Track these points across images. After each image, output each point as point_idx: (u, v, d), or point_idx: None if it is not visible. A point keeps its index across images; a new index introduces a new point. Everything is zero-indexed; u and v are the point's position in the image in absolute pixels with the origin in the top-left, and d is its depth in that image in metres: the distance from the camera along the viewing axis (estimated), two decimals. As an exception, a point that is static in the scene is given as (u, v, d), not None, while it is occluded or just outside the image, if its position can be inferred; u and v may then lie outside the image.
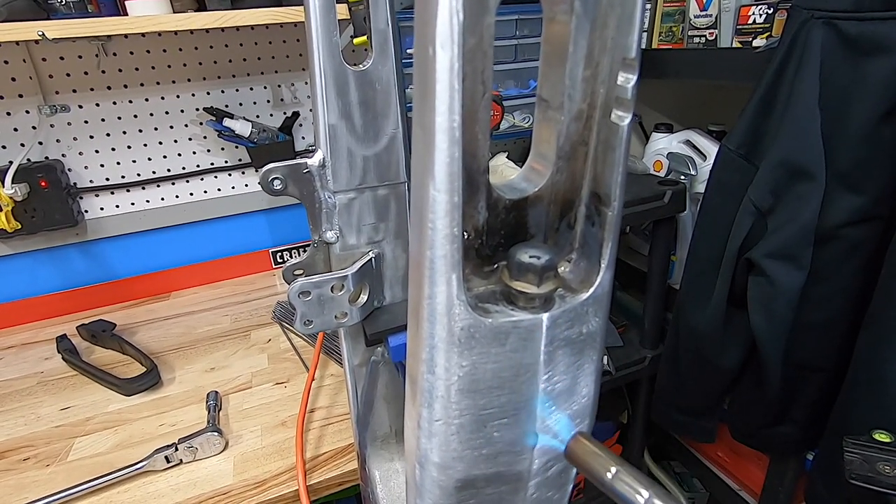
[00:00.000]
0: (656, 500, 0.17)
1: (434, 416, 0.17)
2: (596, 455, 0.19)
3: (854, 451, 0.42)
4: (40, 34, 0.74)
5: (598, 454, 0.19)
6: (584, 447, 0.20)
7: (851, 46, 0.63)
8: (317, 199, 0.41)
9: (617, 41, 0.14)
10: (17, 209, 0.96)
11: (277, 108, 1.15)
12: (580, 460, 0.20)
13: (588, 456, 0.19)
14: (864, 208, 0.67)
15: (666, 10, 1.00)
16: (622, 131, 0.15)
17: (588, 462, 0.19)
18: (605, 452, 0.19)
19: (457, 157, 0.13)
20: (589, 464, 0.19)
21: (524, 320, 0.16)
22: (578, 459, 0.20)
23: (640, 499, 0.17)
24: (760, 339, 0.77)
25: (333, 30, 0.36)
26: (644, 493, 0.17)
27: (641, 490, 0.17)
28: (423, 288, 0.15)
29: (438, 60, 0.12)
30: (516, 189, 0.17)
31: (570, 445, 0.20)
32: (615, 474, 0.18)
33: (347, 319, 0.44)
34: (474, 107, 0.14)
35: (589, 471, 0.19)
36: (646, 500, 0.17)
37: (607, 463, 0.18)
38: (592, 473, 0.19)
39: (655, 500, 0.17)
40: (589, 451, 0.19)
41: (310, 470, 0.64)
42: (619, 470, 0.18)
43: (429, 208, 0.14)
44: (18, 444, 0.72)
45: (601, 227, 0.17)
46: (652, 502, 0.17)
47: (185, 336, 0.98)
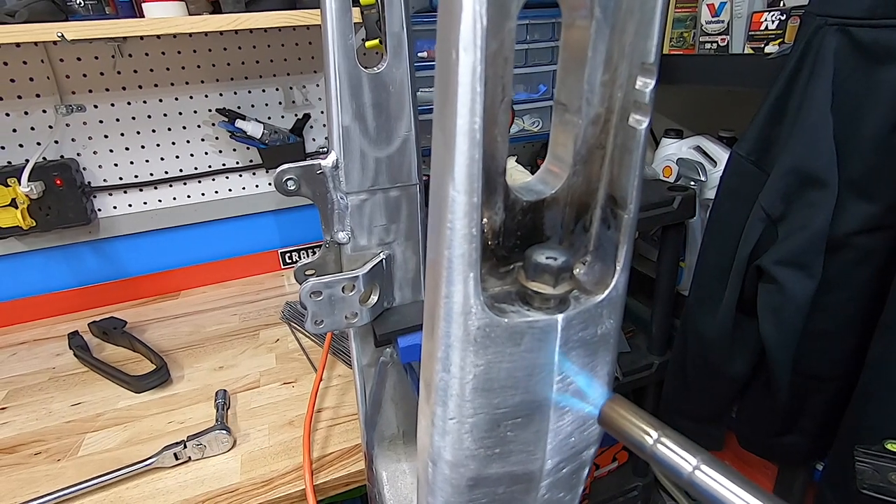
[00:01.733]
0: (704, 465, 0.15)
1: (448, 414, 0.17)
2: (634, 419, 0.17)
3: (865, 461, 0.41)
4: (59, 35, 0.76)
5: (637, 418, 0.17)
6: (620, 411, 0.18)
7: (865, 53, 0.63)
8: (329, 200, 0.41)
9: (635, 46, 0.15)
10: (32, 207, 0.98)
11: (289, 110, 1.16)
12: (616, 425, 0.18)
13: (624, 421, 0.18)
14: (876, 216, 0.66)
15: (677, 16, 1.00)
16: (639, 135, 0.15)
17: (624, 427, 0.17)
18: (645, 416, 0.17)
19: (477, 158, 0.14)
20: (626, 429, 0.17)
21: (539, 321, 0.16)
22: (614, 424, 0.18)
23: (687, 466, 0.16)
24: (769, 347, 0.76)
25: (349, 32, 0.37)
26: (691, 460, 0.16)
27: (688, 456, 0.16)
28: (441, 287, 0.16)
29: (461, 64, 0.13)
30: (533, 191, 0.17)
31: (605, 410, 0.18)
32: (657, 439, 0.16)
33: (357, 320, 0.44)
34: (494, 110, 0.14)
35: (626, 437, 0.17)
36: (694, 465, 0.16)
37: (648, 427, 0.17)
38: (631, 440, 0.17)
39: (703, 466, 0.15)
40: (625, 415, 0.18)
41: (317, 469, 0.64)
42: (662, 434, 0.16)
43: (448, 208, 0.14)
44: (30, 438, 0.73)
45: (617, 229, 0.17)
46: (700, 469, 0.15)
47: (194, 335, 0.98)
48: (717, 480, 0.15)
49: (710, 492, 0.15)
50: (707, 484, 0.15)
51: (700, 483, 0.15)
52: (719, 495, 0.15)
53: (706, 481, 0.15)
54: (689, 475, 0.16)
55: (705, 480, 0.15)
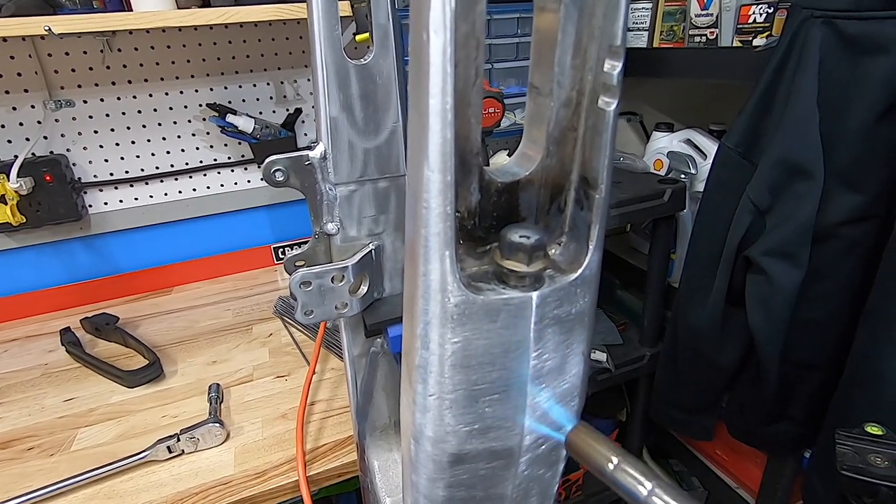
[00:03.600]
0: (659, 490, 0.17)
1: (428, 391, 0.18)
2: (596, 446, 0.19)
3: (846, 444, 0.42)
4: (47, 29, 0.75)
5: (599, 445, 0.19)
6: (584, 438, 0.19)
7: (850, 45, 0.64)
8: (318, 191, 0.41)
9: (603, 29, 0.15)
10: (21, 203, 0.97)
11: (280, 105, 1.16)
12: (580, 451, 0.19)
13: (588, 447, 0.19)
14: (861, 207, 0.67)
15: (667, 10, 1.01)
16: (608, 117, 0.16)
17: (588, 453, 0.19)
18: (606, 443, 0.19)
19: (449, 138, 0.14)
20: (589, 455, 0.19)
21: (515, 298, 0.17)
22: (579, 451, 0.19)
23: (643, 490, 0.17)
24: (758, 337, 0.77)
25: (335, 24, 0.37)
26: (647, 485, 0.17)
27: (644, 481, 0.17)
28: (418, 266, 0.16)
29: (432, 45, 0.13)
30: (508, 173, 0.18)
31: (570, 437, 0.20)
32: (616, 465, 0.18)
33: (347, 310, 0.44)
34: (467, 91, 0.15)
35: (589, 462, 0.19)
36: (649, 491, 0.17)
37: (608, 454, 0.18)
38: (593, 465, 0.18)
39: (658, 490, 0.17)
40: (589, 442, 0.19)
41: (310, 461, 0.65)
42: (621, 461, 0.18)
43: (423, 188, 0.15)
44: (23, 433, 0.73)
45: (590, 209, 0.18)
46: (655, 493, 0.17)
47: (187, 330, 0.99)
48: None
49: None
50: None
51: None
52: None
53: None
54: (644, 499, 0.17)
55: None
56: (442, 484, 0.20)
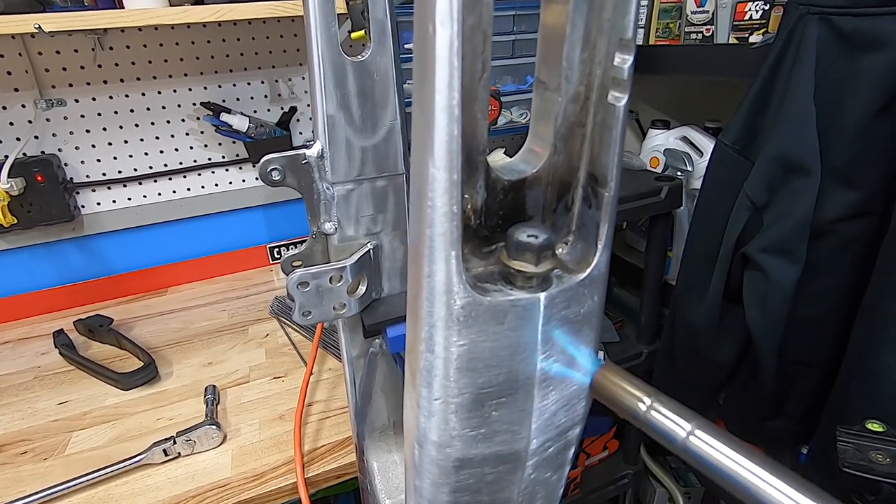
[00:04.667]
0: (699, 431, 0.16)
1: (433, 394, 0.17)
2: (626, 387, 0.17)
3: (847, 441, 0.42)
4: (37, 27, 0.74)
5: (629, 386, 0.17)
6: (612, 379, 0.18)
7: (846, 42, 0.63)
8: (315, 191, 0.41)
9: (613, 22, 0.15)
10: (13, 204, 0.96)
11: (275, 104, 1.15)
12: (608, 393, 0.18)
13: (616, 388, 0.18)
14: (858, 203, 0.67)
15: (663, 7, 1.01)
16: (619, 112, 0.15)
17: (617, 396, 0.17)
18: (637, 383, 0.17)
19: (456, 134, 0.14)
20: (618, 398, 0.17)
21: (522, 299, 0.16)
22: (606, 393, 0.18)
23: (682, 431, 0.16)
24: (755, 333, 0.77)
25: (332, 20, 0.36)
26: (685, 425, 0.16)
27: (682, 422, 0.16)
28: (423, 266, 0.16)
29: (438, 38, 0.13)
30: (514, 170, 0.17)
31: (597, 379, 0.18)
32: (650, 405, 0.16)
33: (346, 311, 0.44)
34: (473, 86, 0.14)
35: (619, 405, 0.17)
36: (688, 431, 0.16)
37: (640, 394, 0.17)
38: (623, 408, 0.17)
39: (698, 431, 0.16)
40: (617, 382, 0.18)
41: (308, 463, 0.64)
42: (654, 401, 0.16)
43: (428, 186, 0.14)
44: (16, 437, 0.72)
45: (598, 208, 0.17)
46: (694, 434, 0.16)
47: (182, 331, 0.98)
48: (712, 445, 0.15)
49: (705, 457, 0.15)
50: (701, 449, 0.15)
51: (694, 449, 0.16)
52: (713, 460, 0.15)
53: (700, 447, 0.15)
54: (682, 441, 0.16)
55: (699, 446, 0.16)
56: (446, 489, 0.20)
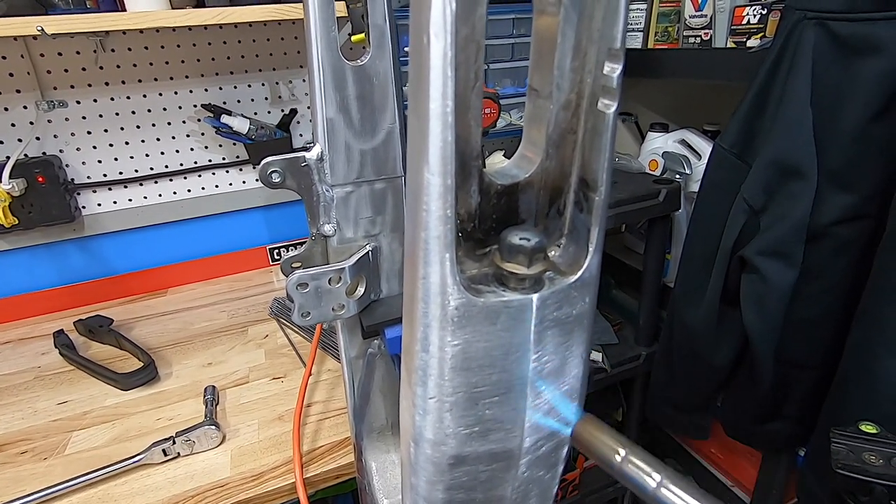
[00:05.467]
0: (667, 482, 0.16)
1: (428, 393, 0.18)
2: (603, 438, 0.18)
3: (841, 442, 0.42)
4: (39, 29, 0.75)
5: (606, 437, 0.18)
6: (591, 431, 0.19)
7: (843, 46, 0.64)
8: (314, 193, 0.41)
9: (603, 32, 0.15)
10: (14, 204, 0.96)
11: (275, 106, 1.15)
12: (587, 444, 0.19)
13: (595, 440, 0.19)
14: (854, 207, 0.68)
15: (662, 11, 1.01)
16: (608, 119, 0.16)
17: (595, 446, 0.19)
18: (613, 435, 0.18)
19: (450, 141, 0.14)
20: (596, 448, 0.18)
21: (514, 300, 0.17)
22: (585, 444, 0.19)
23: (652, 482, 0.17)
24: (753, 336, 0.78)
25: (332, 24, 0.37)
26: (655, 476, 0.17)
27: (653, 473, 0.17)
28: (418, 269, 0.16)
29: (432, 49, 0.13)
30: (508, 175, 0.18)
31: (577, 429, 0.20)
32: (624, 457, 0.17)
33: (344, 312, 0.44)
34: (467, 95, 0.15)
35: (597, 455, 0.18)
36: (658, 482, 0.16)
37: (616, 446, 0.18)
38: (600, 458, 0.18)
39: (667, 482, 0.16)
40: (596, 434, 0.19)
41: (306, 463, 0.64)
42: (629, 452, 0.17)
43: (423, 191, 0.15)
44: (16, 437, 0.73)
45: (589, 212, 0.18)
46: (664, 485, 0.16)
47: (182, 332, 0.98)
48: (679, 496, 0.16)
49: None
50: (670, 499, 0.16)
51: (663, 498, 0.17)
52: None
53: (669, 497, 0.16)
54: (653, 491, 0.17)
55: (668, 496, 0.16)
56: (441, 486, 0.20)
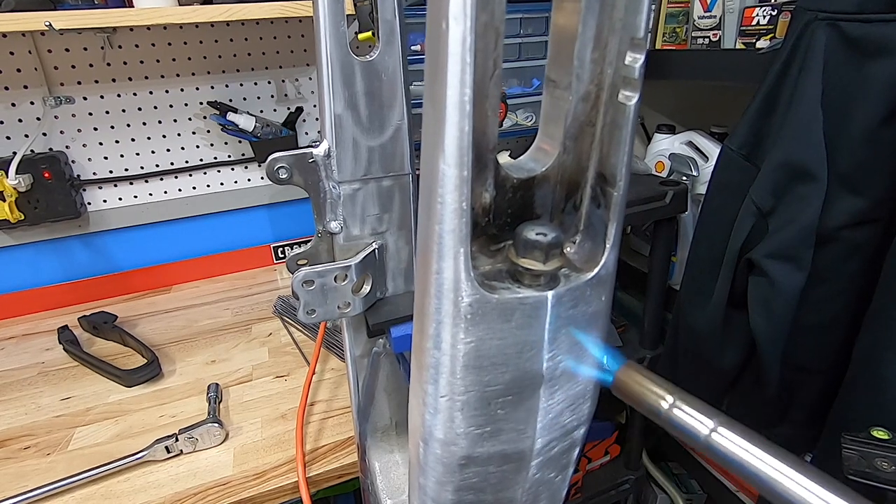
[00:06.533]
0: (722, 428, 0.15)
1: (439, 392, 0.17)
2: (648, 385, 0.17)
3: (852, 448, 0.42)
4: (47, 25, 0.75)
5: (651, 384, 0.17)
6: (634, 377, 0.18)
7: (854, 48, 0.63)
8: (321, 189, 0.41)
9: (625, 21, 0.15)
10: (20, 200, 0.97)
11: (281, 104, 1.15)
12: (630, 392, 0.18)
13: (638, 387, 0.18)
14: (864, 210, 0.67)
15: (670, 11, 1.01)
16: (629, 111, 0.15)
17: (639, 394, 0.17)
18: (658, 381, 0.17)
19: (467, 131, 0.14)
20: (640, 395, 0.17)
21: (529, 297, 0.16)
22: (628, 391, 0.18)
23: (704, 429, 0.16)
24: (760, 339, 0.77)
25: (341, 20, 0.36)
26: (707, 423, 0.16)
27: (704, 419, 0.16)
28: (431, 263, 0.16)
29: (451, 34, 0.13)
30: (524, 169, 0.17)
31: (618, 376, 0.18)
32: (672, 403, 0.17)
33: (350, 309, 0.44)
34: (485, 83, 0.14)
35: (641, 403, 0.17)
36: (711, 429, 0.16)
37: (662, 392, 0.17)
38: (645, 406, 0.17)
39: (721, 428, 0.15)
40: (639, 380, 0.18)
41: (309, 462, 0.64)
42: (677, 399, 0.17)
43: (438, 182, 0.14)
44: (19, 433, 0.73)
45: (606, 207, 0.17)
46: (717, 431, 0.15)
47: (186, 329, 0.98)
48: (735, 442, 0.15)
49: (728, 454, 0.15)
50: (724, 446, 0.15)
51: (717, 446, 0.16)
52: (737, 457, 0.15)
53: (723, 444, 0.15)
54: (705, 438, 0.16)
55: (722, 443, 0.15)
56: (451, 487, 0.20)
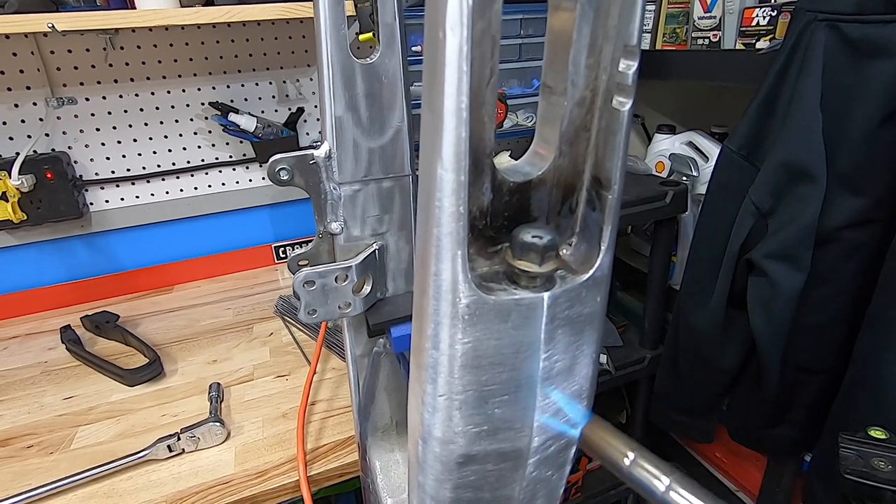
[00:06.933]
0: (676, 485, 0.16)
1: (437, 391, 0.18)
2: (611, 441, 0.18)
3: (849, 447, 0.42)
4: (50, 26, 0.75)
5: (614, 440, 0.18)
6: (599, 433, 0.19)
7: (854, 49, 0.64)
8: (322, 191, 0.41)
9: (619, 29, 0.15)
10: (23, 200, 0.97)
11: (282, 104, 1.16)
12: (595, 447, 0.19)
13: (603, 442, 0.18)
14: (864, 210, 0.67)
15: (670, 12, 1.01)
16: (623, 117, 0.16)
17: (603, 449, 0.18)
18: (621, 438, 0.18)
19: (464, 137, 0.14)
20: (604, 450, 0.18)
21: (526, 298, 0.17)
22: (593, 446, 0.19)
23: (661, 485, 0.16)
24: (759, 339, 0.77)
25: (342, 22, 0.37)
26: (664, 480, 0.16)
27: (661, 476, 0.16)
28: (430, 265, 0.16)
29: (448, 44, 0.13)
30: (520, 172, 0.17)
31: (585, 432, 0.19)
32: (633, 460, 0.17)
33: (351, 310, 0.44)
34: (481, 90, 0.15)
35: (605, 458, 0.18)
36: (667, 486, 0.16)
37: (624, 449, 0.18)
38: (608, 460, 0.18)
39: (675, 485, 0.16)
40: (604, 437, 0.19)
41: (310, 461, 0.64)
42: (637, 455, 0.17)
43: (436, 187, 0.15)
44: (22, 432, 0.73)
45: (602, 210, 0.17)
46: (673, 488, 0.16)
47: (187, 328, 0.98)
48: (689, 500, 0.16)
49: None
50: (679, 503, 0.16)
51: (672, 502, 0.16)
52: None
53: (678, 501, 0.16)
54: (662, 495, 0.16)
55: (678, 501, 0.16)
56: (449, 485, 0.20)
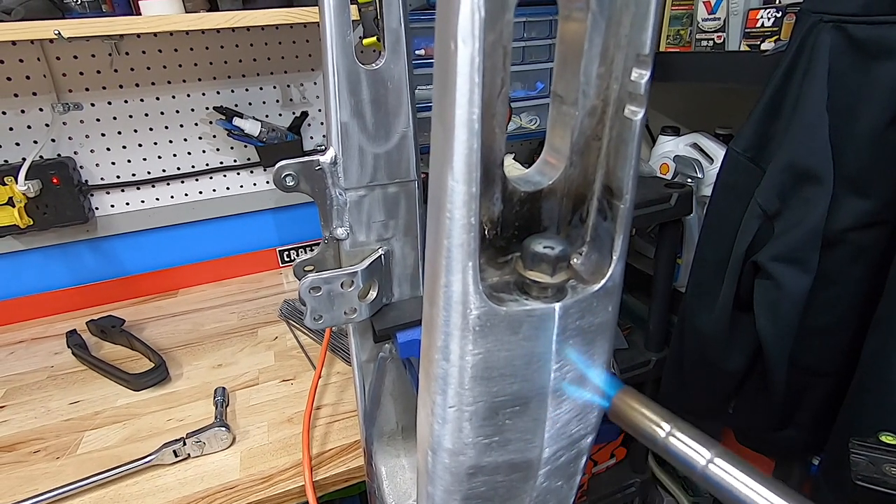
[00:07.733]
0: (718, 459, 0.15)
1: (448, 402, 0.18)
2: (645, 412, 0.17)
3: (860, 453, 0.42)
4: (56, 33, 0.76)
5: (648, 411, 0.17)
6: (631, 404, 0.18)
7: (860, 50, 0.63)
8: (328, 196, 0.41)
9: (631, 38, 0.15)
10: (29, 205, 0.98)
11: (286, 108, 1.16)
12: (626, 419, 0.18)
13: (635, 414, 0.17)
14: (871, 212, 0.67)
15: (674, 14, 1.01)
16: (635, 126, 0.16)
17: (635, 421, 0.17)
18: (656, 409, 0.17)
19: (475, 149, 0.14)
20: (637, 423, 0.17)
21: (537, 309, 0.17)
22: (624, 418, 0.18)
23: (700, 459, 0.15)
24: (766, 342, 0.77)
25: (347, 29, 0.37)
26: (704, 453, 0.15)
27: (701, 449, 0.16)
28: (440, 277, 0.16)
29: (460, 55, 0.13)
30: (531, 182, 0.17)
31: (615, 403, 0.18)
32: (669, 432, 0.16)
33: (356, 315, 0.44)
34: (492, 101, 0.15)
35: (637, 430, 0.17)
36: (707, 459, 0.15)
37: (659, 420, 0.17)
38: (642, 433, 0.17)
39: (717, 459, 0.15)
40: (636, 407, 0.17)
41: (316, 466, 0.64)
42: (674, 427, 0.16)
43: (447, 198, 0.15)
44: (29, 436, 0.73)
45: (613, 220, 0.17)
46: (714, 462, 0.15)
47: (192, 333, 0.99)
48: (731, 474, 0.15)
49: (724, 485, 0.15)
50: (720, 478, 0.15)
51: (713, 477, 0.15)
52: (733, 489, 0.15)
53: (720, 475, 0.15)
54: (702, 469, 0.16)
55: (718, 474, 0.15)
56: (459, 496, 0.20)
